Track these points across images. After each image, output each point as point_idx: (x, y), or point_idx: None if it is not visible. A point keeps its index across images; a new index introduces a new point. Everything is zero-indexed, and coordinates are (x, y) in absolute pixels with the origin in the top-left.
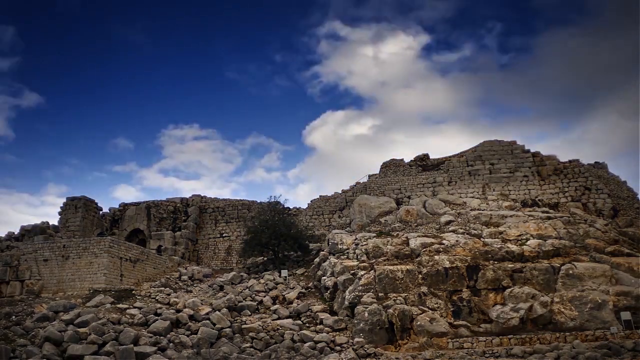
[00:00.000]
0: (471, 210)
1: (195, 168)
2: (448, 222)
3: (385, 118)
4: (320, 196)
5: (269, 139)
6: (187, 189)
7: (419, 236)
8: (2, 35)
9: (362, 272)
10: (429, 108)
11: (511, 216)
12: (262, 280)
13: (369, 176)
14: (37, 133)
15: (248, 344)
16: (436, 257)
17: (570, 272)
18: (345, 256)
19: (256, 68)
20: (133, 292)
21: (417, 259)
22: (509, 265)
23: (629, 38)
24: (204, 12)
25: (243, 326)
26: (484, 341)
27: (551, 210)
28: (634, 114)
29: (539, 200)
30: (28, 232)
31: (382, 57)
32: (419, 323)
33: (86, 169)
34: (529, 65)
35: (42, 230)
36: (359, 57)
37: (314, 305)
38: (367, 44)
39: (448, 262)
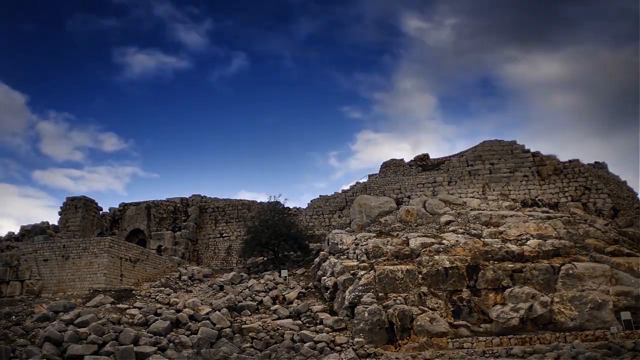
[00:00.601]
0: (471, 210)
1: None
2: (448, 222)
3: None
4: (320, 196)
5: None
6: None
7: (419, 236)
8: (135, 146)
9: (362, 272)
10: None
11: (511, 216)
12: (262, 280)
13: (369, 176)
14: (142, 194)
15: (248, 344)
16: (436, 257)
17: (570, 272)
18: (345, 256)
19: (313, 156)
20: (133, 292)
21: (417, 259)
22: (509, 265)
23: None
24: (283, 115)
25: (243, 326)
26: (484, 341)
27: (551, 210)
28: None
29: (539, 200)
30: (28, 232)
31: (403, 148)
32: (419, 323)
33: None
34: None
35: (42, 230)
36: (384, 148)
37: (314, 305)
38: (393, 142)
39: (448, 262)
